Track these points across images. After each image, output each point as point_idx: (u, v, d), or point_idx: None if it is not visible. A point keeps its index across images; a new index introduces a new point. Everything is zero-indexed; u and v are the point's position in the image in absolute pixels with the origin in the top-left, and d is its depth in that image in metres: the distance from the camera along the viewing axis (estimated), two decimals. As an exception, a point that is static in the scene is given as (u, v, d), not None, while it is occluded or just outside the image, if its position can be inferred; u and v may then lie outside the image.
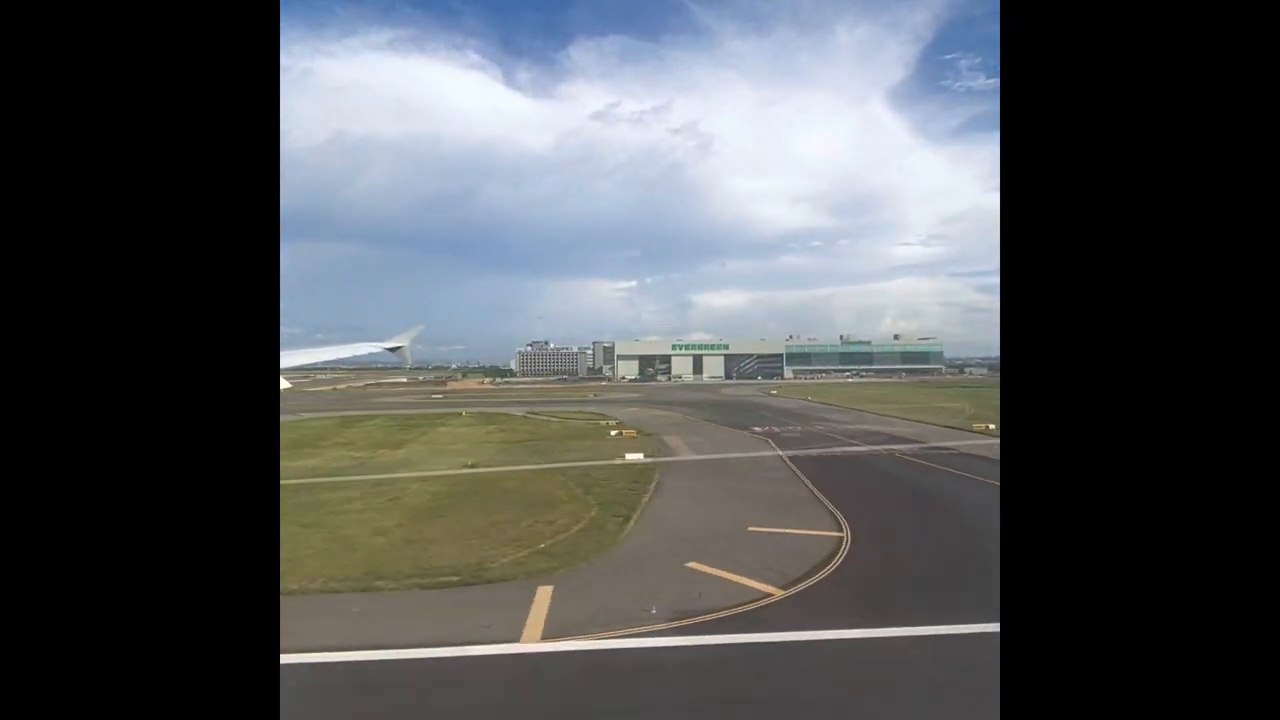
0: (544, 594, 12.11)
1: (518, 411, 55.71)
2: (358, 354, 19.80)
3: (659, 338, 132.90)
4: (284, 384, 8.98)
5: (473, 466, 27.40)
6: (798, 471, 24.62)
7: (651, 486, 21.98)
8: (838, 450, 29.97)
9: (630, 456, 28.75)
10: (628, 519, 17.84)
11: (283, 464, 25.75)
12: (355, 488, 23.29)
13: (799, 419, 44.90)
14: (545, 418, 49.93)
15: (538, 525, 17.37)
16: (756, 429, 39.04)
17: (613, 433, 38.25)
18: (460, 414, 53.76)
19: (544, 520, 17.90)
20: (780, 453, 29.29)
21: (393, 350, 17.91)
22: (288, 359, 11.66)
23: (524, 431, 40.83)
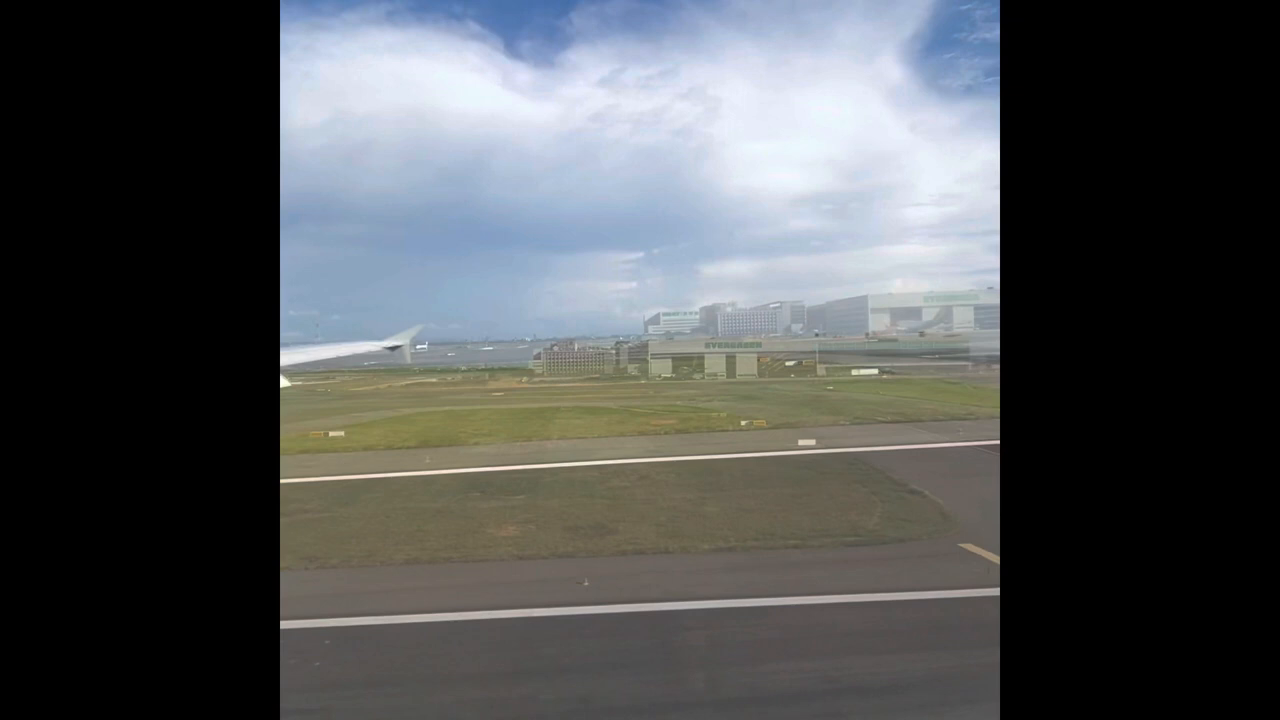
0: (978, 548, 13.47)
1: (609, 405, 56.70)
2: (356, 352, 19.99)
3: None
4: (285, 383, 9.46)
5: (659, 455, 28.52)
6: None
7: (877, 469, 23.24)
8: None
9: (803, 443, 30.06)
10: (918, 493, 19.14)
11: (466, 449, 26.51)
12: (585, 471, 24.46)
13: (914, 410, 46.27)
14: (645, 412, 51.05)
15: (834, 498, 18.73)
16: (881, 420, 40.41)
17: (743, 422, 39.46)
18: (558, 408, 54.65)
19: (828, 494, 19.25)
20: (969, 443, 30.20)
21: (392, 349, 18.26)
22: (284, 357, 11.98)
23: (641, 423, 41.93)
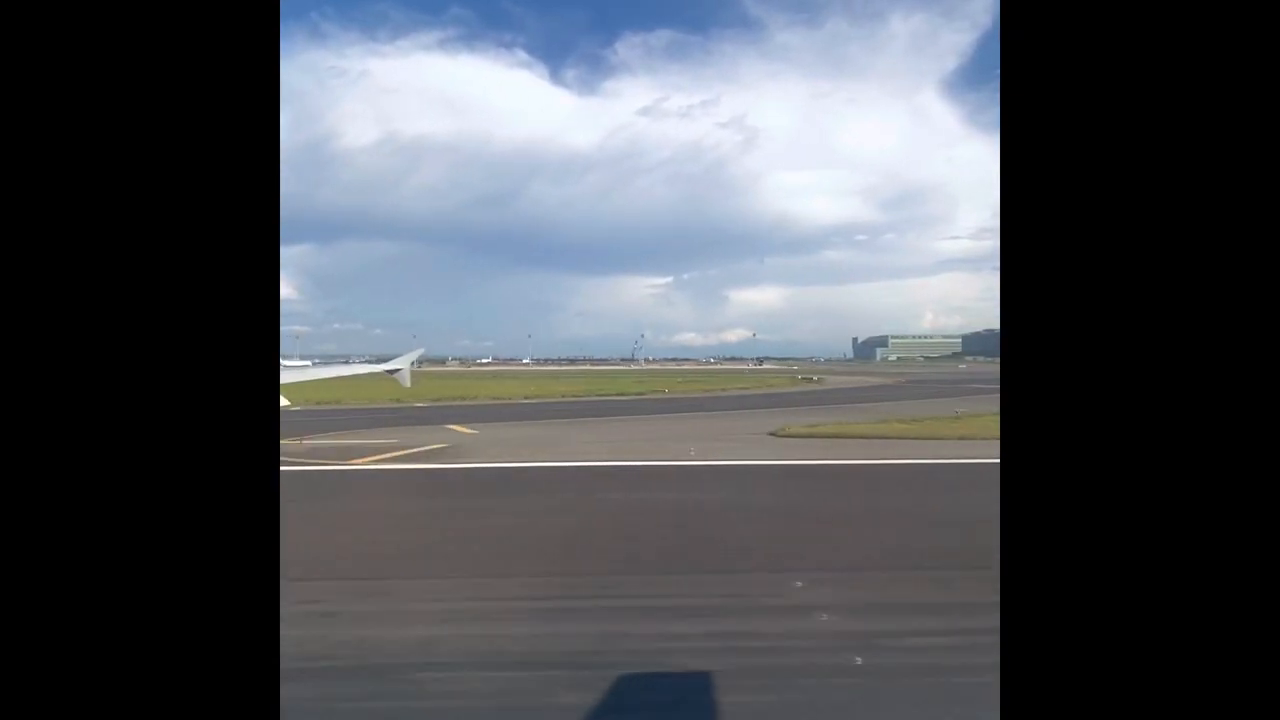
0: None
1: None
2: (356, 374, 20.42)
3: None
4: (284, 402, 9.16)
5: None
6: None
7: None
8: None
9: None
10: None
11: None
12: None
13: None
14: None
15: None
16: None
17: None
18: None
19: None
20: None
21: (392, 373, 17.70)
22: (284, 376, 11.60)
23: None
